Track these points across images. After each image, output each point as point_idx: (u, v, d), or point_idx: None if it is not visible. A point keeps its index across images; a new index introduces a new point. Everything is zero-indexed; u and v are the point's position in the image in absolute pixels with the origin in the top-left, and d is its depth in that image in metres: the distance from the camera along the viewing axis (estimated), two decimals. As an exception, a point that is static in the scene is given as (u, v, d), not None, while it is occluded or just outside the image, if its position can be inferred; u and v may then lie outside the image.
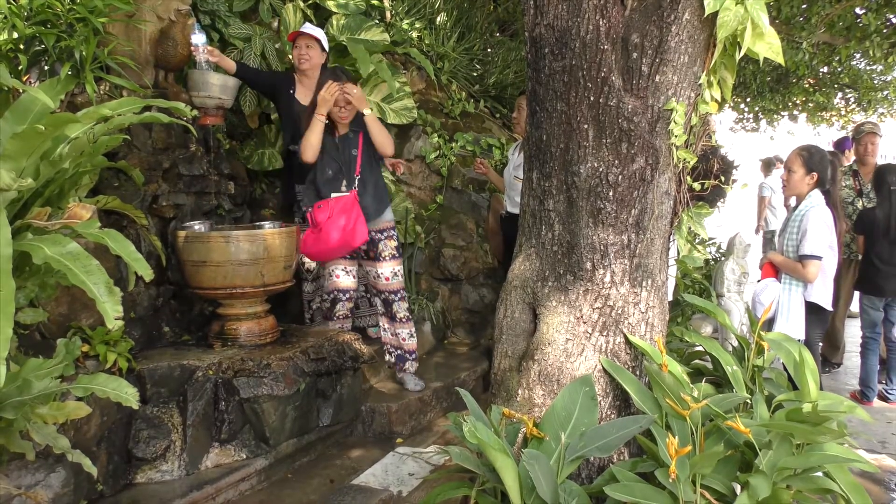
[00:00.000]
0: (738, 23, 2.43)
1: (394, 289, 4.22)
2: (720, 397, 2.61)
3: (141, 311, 3.61)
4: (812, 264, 3.69)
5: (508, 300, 2.89)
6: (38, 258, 2.18)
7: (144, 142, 3.74)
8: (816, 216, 3.71)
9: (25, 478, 2.57)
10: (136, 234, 3.49)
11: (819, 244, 3.69)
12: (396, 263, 4.23)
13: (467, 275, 5.60)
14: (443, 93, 6.45)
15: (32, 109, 2.68)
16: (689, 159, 2.69)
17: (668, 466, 2.12)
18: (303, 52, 4.32)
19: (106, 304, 2.17)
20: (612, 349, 2.67)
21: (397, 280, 4.23)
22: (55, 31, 3.21)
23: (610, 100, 2.53)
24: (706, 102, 2.64)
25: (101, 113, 2.62)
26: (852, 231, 5.37)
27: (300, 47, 4.32)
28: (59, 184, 2.71)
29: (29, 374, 2.30)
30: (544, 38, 2.62)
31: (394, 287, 4.22)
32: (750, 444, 2.36)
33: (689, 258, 3.03)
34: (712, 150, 3.54)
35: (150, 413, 3.23)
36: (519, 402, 2.72)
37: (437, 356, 5.11)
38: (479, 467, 2.38)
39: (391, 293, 4.22)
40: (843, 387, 5.35)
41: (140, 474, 3.16)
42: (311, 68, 4.29)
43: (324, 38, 4.38)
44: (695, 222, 2.86)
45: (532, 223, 2.84)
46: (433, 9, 6.55)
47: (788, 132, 14.63)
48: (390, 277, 4.18)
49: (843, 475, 2.38)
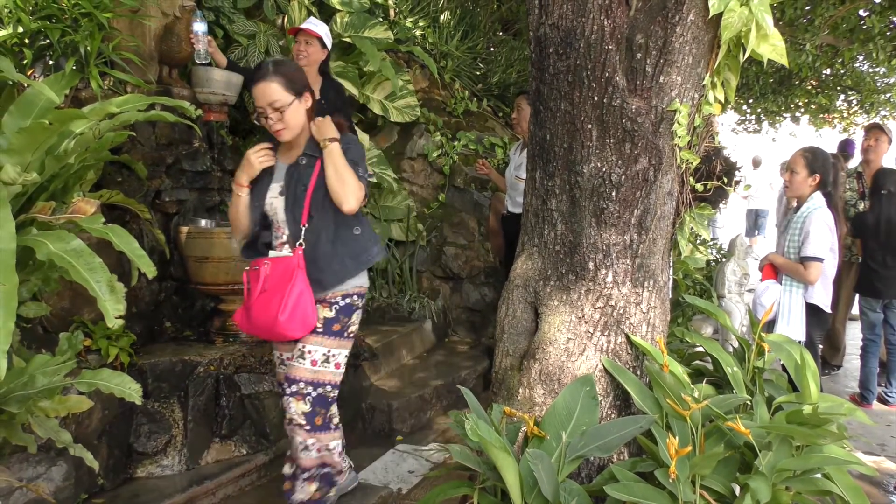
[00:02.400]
0: (743, 24, 2.43)
1: (323, 380, 2.78)
2: (720, 398, 2.61)
3: (143, 306, 3.62)
4: (814, 266, 3.70)
5: (510, 299, 2.89)
6: (41, 254, 2.19)
7: (148, 137, 3.75)
8: (819, 218, 3.72)
9: (27, 470, 2.58)
10: (139, 230, 3.50)
11: (821, 246, 3.70)
12: (335, 343, 2.79)
13: (469, 273, 5.60)
14: (446, 91, 6.45)
15: (37, 104, 2.69)
16: (692, 160, 2.70)
17: (668, 467, 2.13)
18: (301, 49, 4.21)
19: (107, 302, 2.18)
20: (614, 349, 2.67)
21: (327, 370, 2.77)
22: (60, 26, 3.22)
23: (614, 100, 2.53)
24: (710, 103, 2.65)
25: (107, 109, 2.63)
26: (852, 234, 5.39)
27: (300, 42, 4.23)
28: (64, 178, 2.72)
29: (35, 371, 2.31)
30: (549, 38, 2.62)
31: (322, 378, 2.78)
32: (750, 446, 2.37)
33: (690, 259, 3.03)
34: (715, 152, 3.55)
35: (151, 408, 3.24)
36: (520, 400, 2.73)
37: (438, 354, 5.11)
38: (479, 465, 2.39)
39: (319, 385, 2.78)
40: (843, 389, 5.36)
41: (140, 468, 3.17)
42: (308, 65, 4.25)
43: (326, 34, 4.29)
44: (697, 223, 2.86)
45: (535, 222, 2.84)
46: (437, 7, 6.55)
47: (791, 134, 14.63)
48: (318, 361, 2.76)
49: (842, 477, 2.38)
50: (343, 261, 2.76)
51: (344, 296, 2.79)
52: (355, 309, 2.84)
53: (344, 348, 2.83)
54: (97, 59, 3.37)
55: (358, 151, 2.77)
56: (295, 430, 2.75)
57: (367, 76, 5.34)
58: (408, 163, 5.89)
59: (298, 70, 2.87)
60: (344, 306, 2.79)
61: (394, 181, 5.37)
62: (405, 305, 5.19)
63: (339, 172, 2.64)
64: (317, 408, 2.74)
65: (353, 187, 2.64)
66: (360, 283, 2.86)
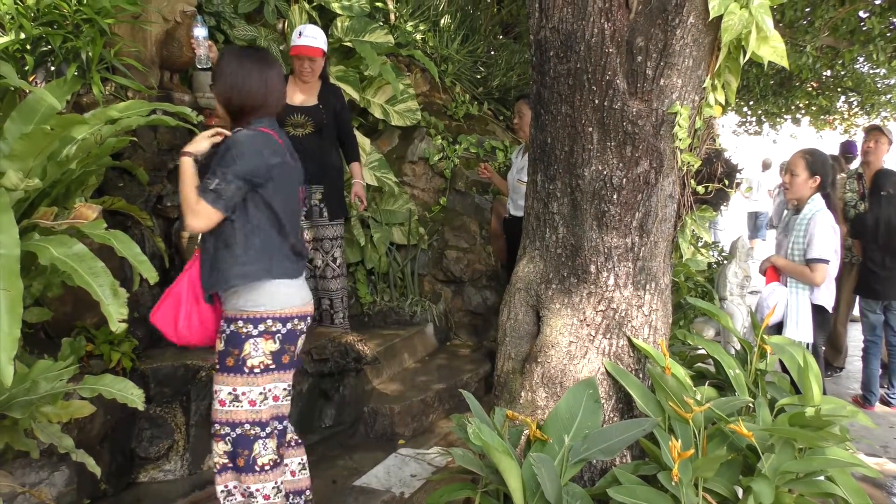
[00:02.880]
0: (743, 26, 2.44)
1: (238, 420, 2.45)
2: (723, 401, 2.61)
3: (144, 311, 3.61)
4: (820, 268, 3.68)
5: (512, 302, 2.89)
6: (44, 259, 2.20)
7: (149, 142, 3.75)
8: (823, 220, 3.71)
9: (30, 476, 2.58)
10: (140, 235, 3.50)
11: (826, 248, 3.69)
12: (239, 381, 2.43)
13: (470, 277, 5.60)
14: (446, 95, 6.46)
15: (39, 110, 2.70)
16: (692, 163, 2.70)
17: (671, 469, 2.13)
18: (305, 66, 4.06)
19: (110, 306, 2.18)
20: (616, 352, 2.67)
21: (239, 409, 2.43)
22: (62, 32, 3.23)
23: (614, 103, 2.53)
24: (710, 106, 2.65)
25: (109, 115, 2.64)
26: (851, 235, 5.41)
27: (303, 61, 4.06)
28: (66, 184, 2.73)
29: (38, 376, 2.31)
30: (549, 41, 2.63)
31: (236, 417, 2.44)
32: (752, 448, 2.37)
33: (692, 261, 3.03)
34: (716, 154, 3.55)
35: (153, 413, 3.24)
36: (522, 404, 2.73)
37: (440, 358, 5.11)
38: (481, 469, 2.39)
39: (236, 425, 2.45)
40: (846, 391, 5.35)
41: (143, 473, 3.17)
42: (312, 79, 4.16)
43: (323, 41, 4.13)
44: (698, 225, 2.86)
45: (536, 226, 2.85)
46: (437, 11, 6.56)
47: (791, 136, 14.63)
48: (226, 402, 2.43)
49: (845, 479, 2.38)
50: (217, 275, 2.42)
51: (228, 321, 2.44)
52: (245, 338, 2.40)
53: (252, 385, 2.43)
54: (99, 64, 3.37)
55: (230, 156, 2.34)
56: (216, 475, 2.52)
57: (367, 80, 5.34)
58: (409, 166, 5.89)
59: None
60: (230, 335, 2.42)
61: (395, 185, 5.38)
62: (407, 309, 5.19)
63: (180, 190, 2.38)
64: (238, 448, 2.45)
65: (189, 206, 2.32)
66: (243, 305, 2.41)
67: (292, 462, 2.71)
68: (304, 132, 4.13)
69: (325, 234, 4.30)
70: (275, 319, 2.44)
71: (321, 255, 4.32)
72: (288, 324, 2.47)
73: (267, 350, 2.43)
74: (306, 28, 4.11)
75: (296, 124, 4.12)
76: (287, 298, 2.47)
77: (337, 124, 4.25)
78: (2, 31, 3.10)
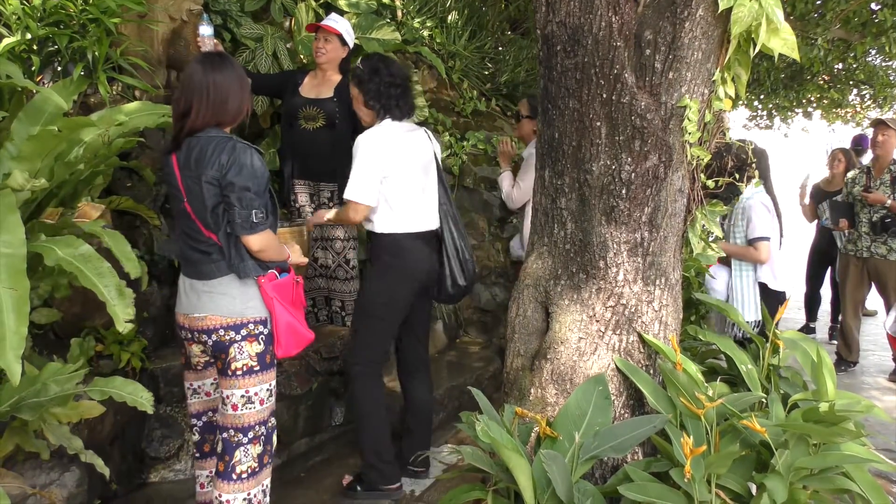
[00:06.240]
0: (753, 19, 2.40)
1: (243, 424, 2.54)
2: (735, 396, 2.58)
3: (154, 310, 3.62)
4: (763, 245, 3.88)
5: (520, 299, 2.87)
6: (50, 259, 2.20)
7: (157, 142, 3.75)
8: (758, 203, 3.94)
9: (40, 477, 2.58)
10: (148, 234, 3.50)
11: (766, 227, 3.90)
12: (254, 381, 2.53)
13: (479, 273, 5.58)
14: (454, 91, 6.44)
15: (45, 110, 2.70)
16: (702, 156, 2.67)
17: (683, 466, 2.10)
18: (320, 46, 4.04)
19: (116, 307, 2.18)
20: (626, 348, 2.65)
21: (252, 410, 2.54)
22: (68, 32, 3.22)
23: (623, 97, 2.51)
24: (720, 99, 2.62)
25: (116, 118, 2.64)
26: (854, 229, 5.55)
27: (318, 40, 4.06)
28: (73, 184, 2.73)
29: (48, 379, 2.31)
30: (556, 36, 2.61)
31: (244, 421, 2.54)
32: (766, 444, 2.34)
33: (702, 256, 3.01)
34: (726, 148, 3.52)
35: (163, 413, 3.24)
36: (532, 401, 2.71)
37: (450, 355, 5.09)
38: (491, 467, 2.37)
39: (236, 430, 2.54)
40: (861, 385, 5.31)
41: (153, 473, 3.18)
42: (327, 62, 4.09)
43: (346, 30, 4.11)
44: (709, 220, 2.83)
45: (544, 221, 2.82)
46: (444, 7, 6.54)
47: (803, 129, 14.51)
48: (239, 405, 2.52)
49: (861, 475, 2.35)
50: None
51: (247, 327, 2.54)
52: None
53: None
54: (105, 64, 3.37)
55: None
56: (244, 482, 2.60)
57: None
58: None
59: None
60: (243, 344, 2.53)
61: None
62: (416, 306, 5.17)
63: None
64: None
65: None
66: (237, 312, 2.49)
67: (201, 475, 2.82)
68: (315, 125, 4.05)
69: (337, 235, 4.17)
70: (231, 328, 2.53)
71: (332, 255, 4.21)
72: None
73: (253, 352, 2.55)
74: (332, 14, 4.18)
75: (307, 117, 4.05)
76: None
77: (354, 120, 4.13)
78: (8, 31, 3.10)
